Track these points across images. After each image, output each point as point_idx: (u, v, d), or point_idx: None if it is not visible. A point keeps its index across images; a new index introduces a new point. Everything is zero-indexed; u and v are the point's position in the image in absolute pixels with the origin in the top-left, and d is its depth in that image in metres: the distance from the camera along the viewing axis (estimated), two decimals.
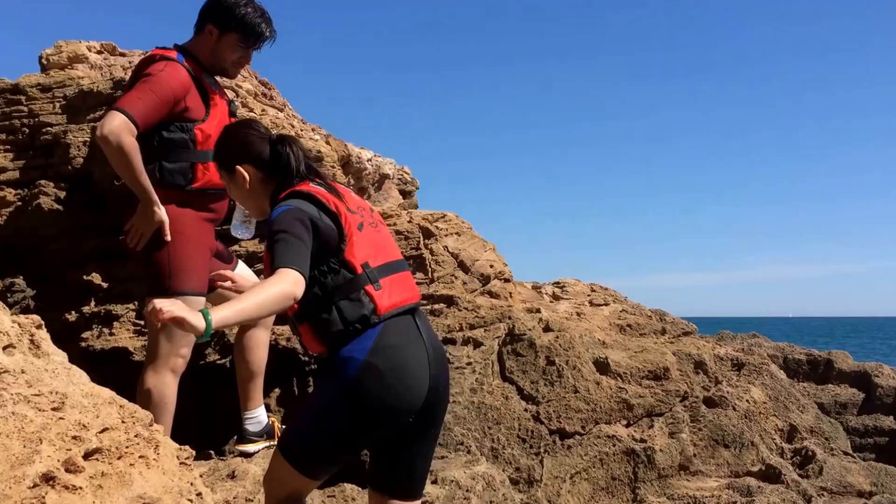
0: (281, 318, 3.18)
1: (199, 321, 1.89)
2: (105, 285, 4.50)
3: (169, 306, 1.92)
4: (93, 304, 4.49)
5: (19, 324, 1.84)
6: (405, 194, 6.23)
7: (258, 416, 3.79)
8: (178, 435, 3.09)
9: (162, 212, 3.05)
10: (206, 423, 4.49)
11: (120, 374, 4.27)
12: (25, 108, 4.64)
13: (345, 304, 2.09)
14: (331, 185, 2.26)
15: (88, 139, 4.52)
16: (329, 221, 2.13)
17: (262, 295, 1.92)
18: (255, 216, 2.53)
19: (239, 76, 4.52)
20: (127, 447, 1.70)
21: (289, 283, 1.94)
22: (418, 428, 2.21)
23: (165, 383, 3.18)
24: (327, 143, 5.27)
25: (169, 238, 3.08)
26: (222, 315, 1.92)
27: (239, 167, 2.32)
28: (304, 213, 2.09)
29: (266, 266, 2.12)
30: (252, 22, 3.23)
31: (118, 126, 2.89)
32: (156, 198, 3.04)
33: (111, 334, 4.42)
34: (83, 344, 4.38)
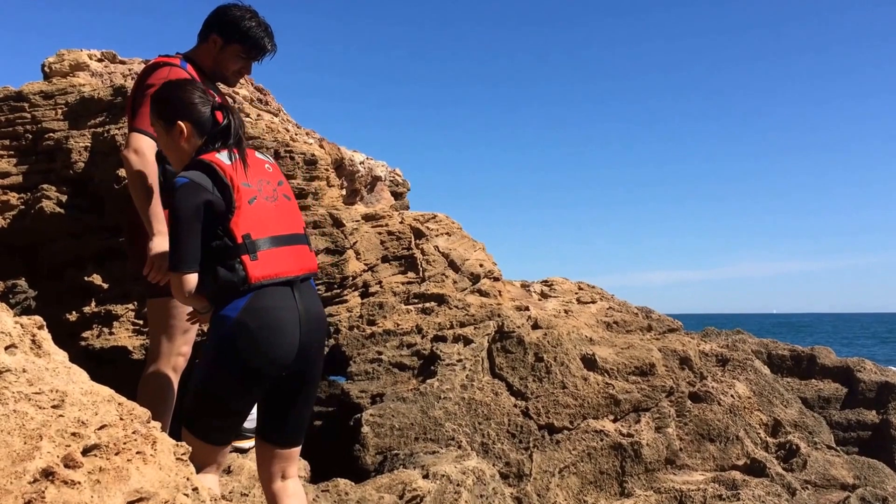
0: None
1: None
2: (105, 286, 4.62)
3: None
4: (93, 304, 4.61)
5: (21, 324, 1.92)
6: (397, 196, 6.34)
7: (252, 413, 3.89)
8: (177, 431, 3.21)
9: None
10: None
11: (120, 372, 4.40)
12: (28, 115, 4.76)
13: (221, 269, 2.31)
14: (244, 158, 2.44)
15: (89, 144, 4.65)
16: (219, 194, 2.33)
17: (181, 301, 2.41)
18: (175, 168, 2.71)
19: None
20: (125, 443, 1.78)
21: (181, 291, 2.33)
22: (293, 384, 2.45)
23: (166, 381, 3.28)
24: (321, 146, 5.39)
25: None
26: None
27: (180, 122, 2.48)
28: (198, 188, 2.31)
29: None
30: (255, 35, 3.32)
31: (142, 147, 2.97)
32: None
33: (111, 334, 4.55)
34: (83, 343, 4.50)
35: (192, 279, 2.31)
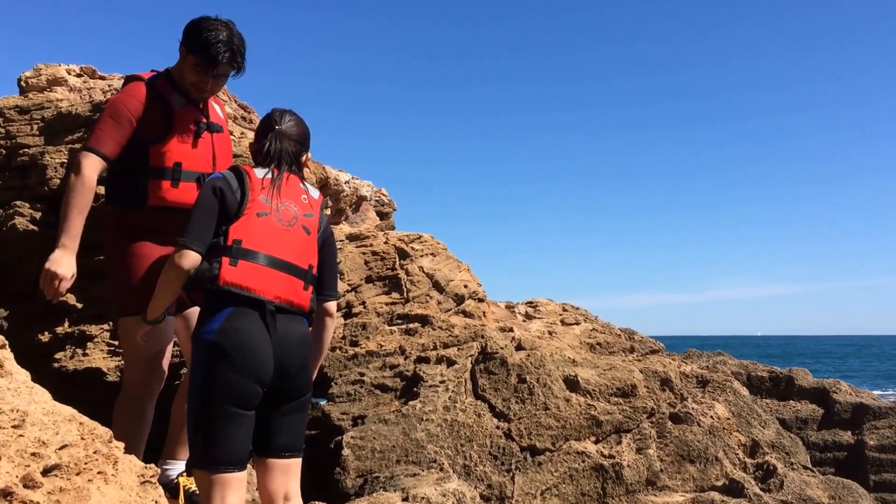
0: None
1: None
2: (79, 305, 4.53)
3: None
4: (66, 324, 4.51)
5: None
6: (382, 216, 6.32)
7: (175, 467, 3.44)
8: (150, 455, 3.12)
9: (72, 267, 3.07)
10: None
11: (94, 394, 4.29)
12: (3, 130, 4.68)
13: (204, 262, 2.47)
14: (276, 178, 2.58)
15: (66, 161, 4.57)
16: (238, 197, 2.51)
17: (162, 279, 2.51)
18: None
19: (219, 99, 4.57)
20: (86, 463, 1.75)
21: (175, 263, 2.44)
22: (276, 401, 2.54)
23: (142, 403, 3.20)
24: (305, 165, 5.36)
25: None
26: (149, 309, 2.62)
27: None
28: (222, 182, 2.54)
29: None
30: (212, 48, 3.13)
31: (84, 167, 3.01)
32: (75, 248, 3.07)
33: (84, 355, 4.45)
34: (56, 365, 4.40)
35: (192, 256, 2.43)
